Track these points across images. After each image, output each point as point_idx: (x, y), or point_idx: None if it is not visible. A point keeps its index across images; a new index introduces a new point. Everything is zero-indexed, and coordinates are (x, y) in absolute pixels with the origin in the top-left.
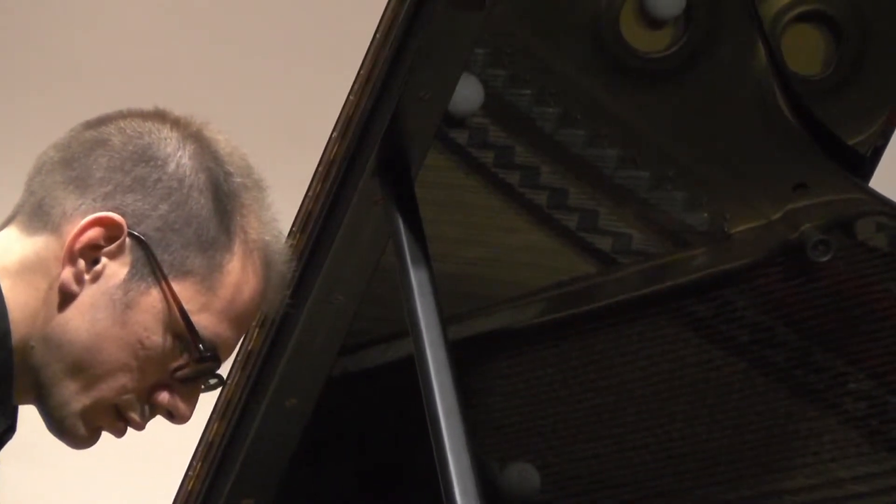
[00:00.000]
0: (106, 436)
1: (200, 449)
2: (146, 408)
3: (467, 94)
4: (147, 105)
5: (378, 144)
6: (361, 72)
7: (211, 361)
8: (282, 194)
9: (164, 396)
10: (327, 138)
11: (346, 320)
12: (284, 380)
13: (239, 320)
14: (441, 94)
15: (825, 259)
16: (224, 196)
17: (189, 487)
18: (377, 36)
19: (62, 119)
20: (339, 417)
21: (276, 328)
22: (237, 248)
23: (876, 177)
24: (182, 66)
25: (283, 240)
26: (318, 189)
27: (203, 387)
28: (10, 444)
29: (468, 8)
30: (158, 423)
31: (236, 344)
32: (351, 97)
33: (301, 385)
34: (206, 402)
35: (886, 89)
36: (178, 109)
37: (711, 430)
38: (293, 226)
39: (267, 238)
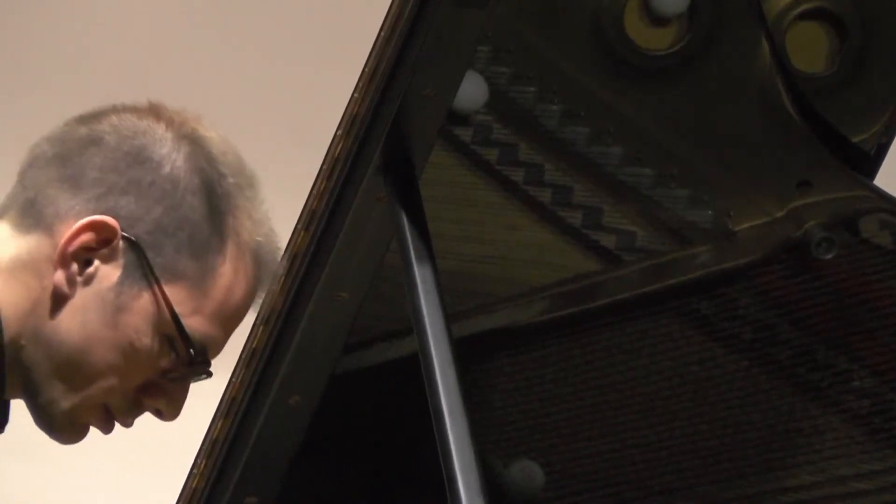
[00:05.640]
0: (110, 433)
1: (205, 447)
2: (134, 406)
3: (472, 91)
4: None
5: (382, 142)
6: (366, 69)
7: (200, 363)
8: (286, 191)
9: (152, 396)
10: (332, 136)
11: (349, 318)
12: (288, 377)
13: (229, 321)
14: (445, 92)
15: (829, 257)
16: (217, 199)
17: (193, 485)
18: (381, 33)
19: (62, 116)
20: (342, 415)
21: (279, 326)
22: (229, 250)
23: (880, 174)
24: (185, 63)
25: (275, 237)
26: (322, 186)
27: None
28: (11, 441)
29: (472, 5)
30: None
31: (225, 343)
32: (355, 94)
33: (305, 382)
34: (211, 399)
35: (890, 86)
36: (179, 107)
37: (713, 428)
38: (297, 223)
39: (259, 238)
